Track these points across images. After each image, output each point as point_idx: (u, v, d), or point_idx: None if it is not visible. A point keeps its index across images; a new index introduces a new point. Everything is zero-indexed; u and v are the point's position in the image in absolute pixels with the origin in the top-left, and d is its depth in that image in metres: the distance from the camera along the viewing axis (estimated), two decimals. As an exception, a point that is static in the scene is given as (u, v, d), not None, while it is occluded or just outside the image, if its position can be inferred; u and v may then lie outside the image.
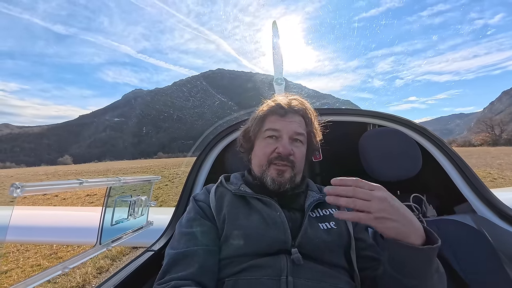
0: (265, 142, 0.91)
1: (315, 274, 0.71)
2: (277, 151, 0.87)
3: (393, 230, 0.60)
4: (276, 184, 0.86)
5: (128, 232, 0.93)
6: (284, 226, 0.77)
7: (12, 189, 0.45)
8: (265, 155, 0.89)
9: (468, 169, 1.22)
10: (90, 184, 0.66)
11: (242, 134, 1.02)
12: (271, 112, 0.93)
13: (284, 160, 0.86)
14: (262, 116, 0.95)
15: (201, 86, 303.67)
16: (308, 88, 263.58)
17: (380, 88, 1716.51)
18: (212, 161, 1.40)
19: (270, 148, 0.89)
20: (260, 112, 0.96)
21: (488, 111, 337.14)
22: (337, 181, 0.63)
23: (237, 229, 0.78)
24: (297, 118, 0.93)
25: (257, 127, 0.95)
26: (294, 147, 0.88)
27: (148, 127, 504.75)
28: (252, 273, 0.71)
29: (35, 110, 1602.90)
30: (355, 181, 0.62)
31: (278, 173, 0.86)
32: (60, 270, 0.62)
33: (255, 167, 0.94)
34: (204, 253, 0.74)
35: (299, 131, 0.91)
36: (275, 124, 0.91)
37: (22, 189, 0.47)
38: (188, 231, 0.79)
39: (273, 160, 0.87)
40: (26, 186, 0.48)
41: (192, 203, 0.90)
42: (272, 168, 0.87)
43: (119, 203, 0.89)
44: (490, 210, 1.14)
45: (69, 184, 0.60)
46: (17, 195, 0.46)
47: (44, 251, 4.12)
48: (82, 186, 0.63)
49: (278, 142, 0.89)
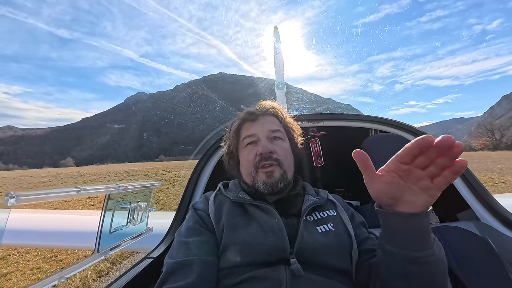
0: (247, 150, 0.92)
1: (315, 285, 0.69)
2: (258, 153, 0.87)
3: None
4: (268, 186, 0.84)
5: (127, 239, 0.92)
6: (282, 233, 0.76)
7: (6, 198, 0.45)
8: (250, 162, 0.89)
9: (471, 175, 1.21)
10: (89, 191, 0.65)
11: (226, 152, 1.02)
12: (243, 121, 0.96)
13: (268, 159, 0.86)
14: (237, 128, 0.97)
15: (202, 91, 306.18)
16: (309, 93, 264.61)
17: (380, 92, 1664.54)
18: (212, 166, 1.39)
19: (253, 154, 0.89)
20: (234, 125, 0.98)
21: (488, 116, 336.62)
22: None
23: (236, 239, 0.77)
24: (268, 118, 0.95)
25: (235, 140, 0.97)
26: (274, 145, 0.89)
27: (149, 131, 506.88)
28: (251, 284, 0.70)
29: (38, 112, 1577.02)
30: None
31: (267, 175, 0.85)
32: (57, 280, 0.61)
33: (245, 177, 0.94)
34: (203, 263, 0.73)
35: (274, 128, 0.93)
36: (249, 130, 0.93)
37: (17, 199, 0.46)
38: (187, 241, 0.79)
39: (258, 164, 0.87)
40: (22, 195, 0.47)
41: (191, 211, 0.89)
42: (260, 173, 0.86)
43: (118, 210, 0.88)
44: (494, 217, 1.12)
45: (67, 192, 0.59)
46: (11, 204, 0.45)
47: (44, 254, 4.12)
48: (80, 194, 0.62)
49: (258, 145, 0.90)
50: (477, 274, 0.98)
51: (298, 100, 2.56)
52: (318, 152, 1.51)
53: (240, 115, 0.98)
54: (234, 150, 0.97)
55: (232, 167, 1.02)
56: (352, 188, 1.69)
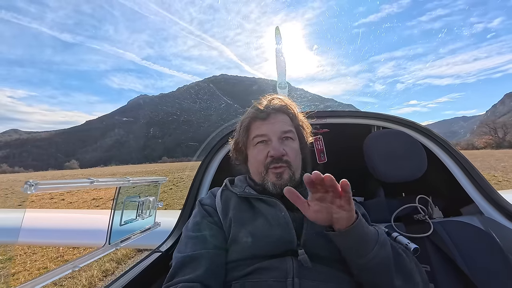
0: (257, 149, 0.91)
1: (321, 275, 0.71)
2: (270, 154, 0.86)
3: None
4: (278, 187, 0.86)
5: (136, 233, 0.95)
6: (288, 226, 0.77)
7: (26, 186, 0.47)
8: (260, 162, 0.89)
9: (473, 170, 1.21)
10: (101, 183, 0.67)
11: (233, 146, 1.01)
12: (254, 118, 0.93)
13: (279, 161, 0.86)
14: (247, 125, 0.94)
15: (208, 88, 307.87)
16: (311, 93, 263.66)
17: (382, 92, 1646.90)
18: (218, 163, 1.41)
19: (263, 154, 0.88)
20: (244, 121, 0.96)
21: (491, 114, 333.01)
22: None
23: (243, 232, 0.79)
24: (280, 116, 0.93)
25: (244, 137, 0.95)
26: (285, 146, 0.88)
27: (153, 132, 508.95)
28: (259, 275, 0.71)
29: (42, 116, 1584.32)
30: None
31: (276, 176, 0.86)
32: (71, 269, 0.63)
33: (254, 175, 0.94)
34: (211, 256, 0.75)
35: (286, 129, 0.90)
36: (260, 129, 0.90)
37: (36, 187, 0.49)
38: (195, 235, 0.81)
39: (269, 165, 0.87)
40: (40, 184, 0.49)
41: (198, 207, 0.91)
42: (270, 173, 0.87)
43: (128, 204, 0.90)
44: (497, 211, 1.13)
45: (81, 183, 0.62)
46: (30, 192, 0.48)
47: (51, 254, 4.16)
48: (92, 185, 0.64)
49: (268, 145, 0.88)
50: (481, 267, 0.98)
51: (301, 98, 2.58)
52: (322, 149, 1.52)
53: (250, 111, 0.95)
54: (243, 146, 0.97)
55: (239, 162, 1.02)
56: (355, 184, 1.69)
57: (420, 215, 1.19)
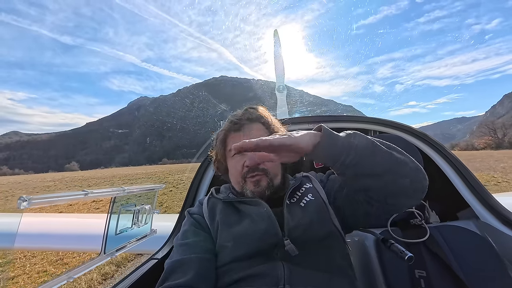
0: (234, 160, 0.93)
1: (312, 279, 0.72)
2: (245, 164, 0.89)
3: None
4: (256, 195, 0.89)
5: (132, 241, 0.95)
6: (271, 219, 0.80)
7: (19, 202, 0.48)
8: (238, 173, 0.92)
9: (469, 174, 1.22)
10: (95, 194, 0.68)
11: (215, 158, 1.04)
12: (228, 131, 0.96)
13: (255, 170, 0.88)
14: (222, 138, 0.97)
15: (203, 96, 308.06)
16: (310, 95, 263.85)
17: (381, 93, 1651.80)
18: (214, 169, 1.41)
19: (240, 164, 0.91)
20: (219, 134, 0.99)
21: (490, 115, 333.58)
22: None
23: (230, 234, 0.81)
24: (254, 125, 0.94)
25: (222, 149, 0.98)
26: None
27: (152, 135, 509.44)
28: (250, 282, 0.72)
29: (43, 118, 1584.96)
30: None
31: (254, 184, 0.89)
32: (65, 280, 0.63)
33: (234, 185, 0.98)
34: (200, 260, 0.77)
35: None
36: (235, 141, 0.90)
37: (29, 202, 0.49)
38: (184, 242, 0.83)
39: (246, 174, 0.90)
40: (33, 199, 0.50)
41: (187, 217, 0.95)
42: (248, 182, 0.90)
43: (123, 212, 0.91)
44: (493, 216, 1.13)
45: (75, 196, 0.62)
46: (24, 207, 0.48)
47: (50, 257, 4.16)
48: (87, 197, 0.65)
49: (244, 156, 0.89)
50: (477, 272, 0.98)
51: (299, 103, 2.58)
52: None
53: (225, 124, 0.97)
54: (222, 159, 1.00)
55: (221, 173, 1.05)
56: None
57: (416, 219, 1.19)
